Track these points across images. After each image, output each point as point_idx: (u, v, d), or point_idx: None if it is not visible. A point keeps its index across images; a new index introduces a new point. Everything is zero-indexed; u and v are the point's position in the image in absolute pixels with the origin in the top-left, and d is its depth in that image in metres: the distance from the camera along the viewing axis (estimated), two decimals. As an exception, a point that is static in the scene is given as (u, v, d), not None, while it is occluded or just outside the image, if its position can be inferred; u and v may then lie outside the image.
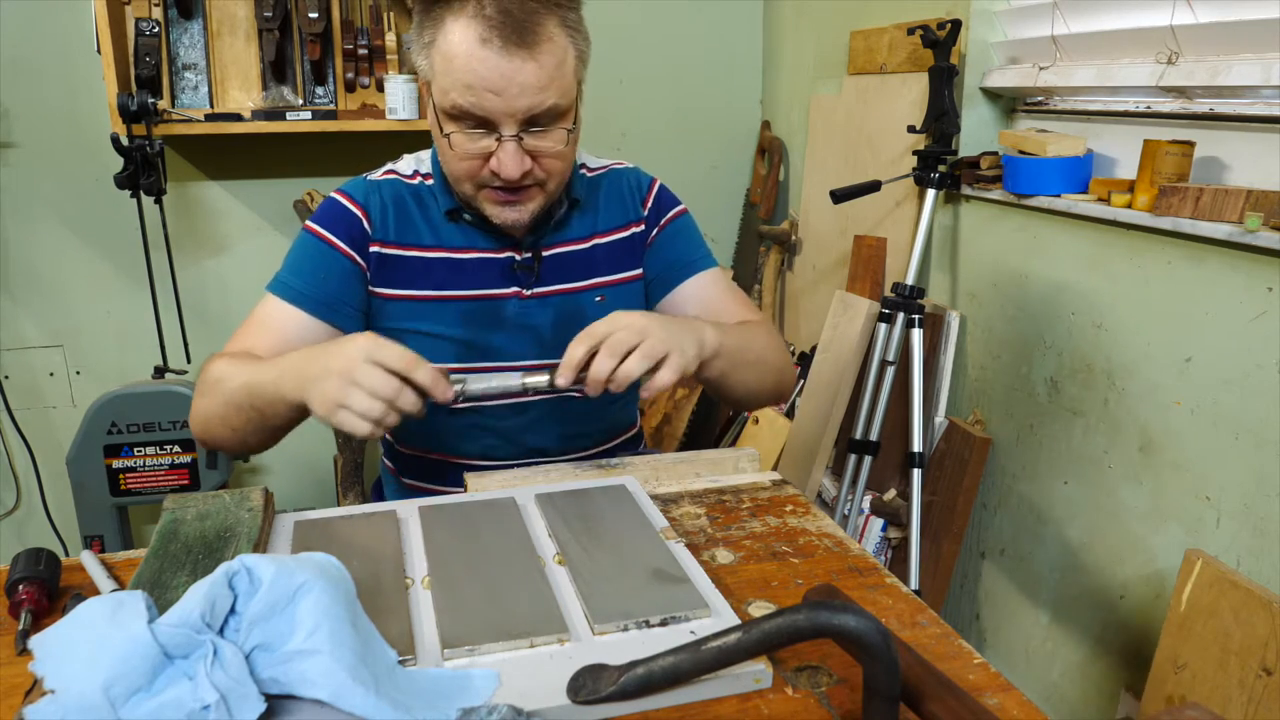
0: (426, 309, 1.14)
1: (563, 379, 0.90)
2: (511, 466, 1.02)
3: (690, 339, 0.96)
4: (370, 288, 1.14)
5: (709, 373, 1.02)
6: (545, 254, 1.17)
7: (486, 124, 1.00)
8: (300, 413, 0.93)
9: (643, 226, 1.24)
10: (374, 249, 1.13)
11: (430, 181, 1.17)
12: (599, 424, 1.26)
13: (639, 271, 1.24)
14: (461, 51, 0.96)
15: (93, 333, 2.40)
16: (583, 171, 1.22)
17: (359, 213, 1.13)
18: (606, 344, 0.90)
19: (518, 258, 1.16)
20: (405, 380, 0.85)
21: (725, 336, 1.04)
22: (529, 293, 1.17)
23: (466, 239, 1.15)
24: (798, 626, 0.56)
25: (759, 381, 1.14)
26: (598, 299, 1.20)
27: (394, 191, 1.15)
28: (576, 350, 0.91)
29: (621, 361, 0.89)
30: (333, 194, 1.16)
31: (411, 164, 1.19)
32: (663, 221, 1.25)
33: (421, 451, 1.23)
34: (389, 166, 1.19)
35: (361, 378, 0.84)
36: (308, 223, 1.14)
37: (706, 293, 1.24)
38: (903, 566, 1.85)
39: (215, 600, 0.55)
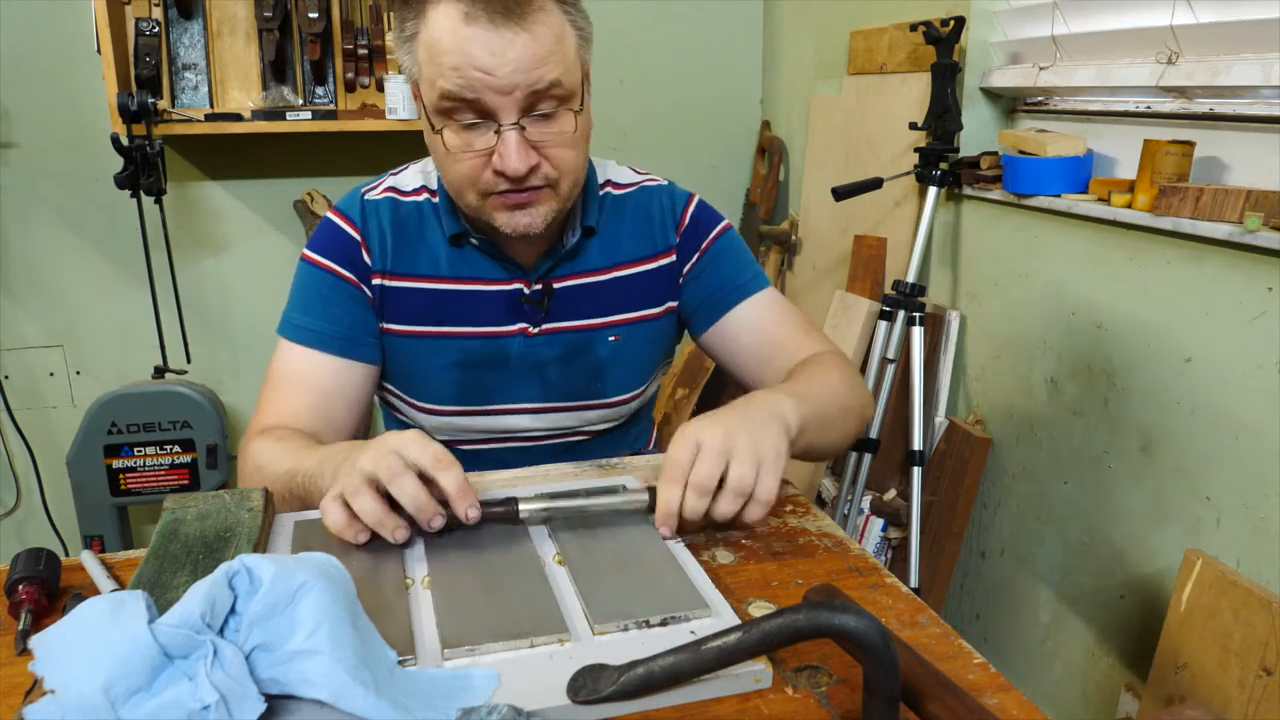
0: (426, 346, 1.06)
1: (666, 530, 0.79)
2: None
3: (775, 430, 0.82)
4: (379, 321, 1.07)
5: (794, 452, 0.88)
6: (557, 286, 1.07)
7: (483, 115, 0.91)
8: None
9: (674, 257, 1.12)
10: (375, 281, 1.06)
11: (436, 200, 1.06)
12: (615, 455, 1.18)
13: (668, 306, 1.13)
14: (446, 34, 0.88)
15: (93, 333, 2.41)
16: (609, 190, 1.12)
17: (357, 238, 1.05)
18: (692, 482, 0.78)
19: (526, 290, 1.06)
20: (428, 481, 0.74)
21: (804, 406, 0.89)
22: (536, 330, 1.07)
23: (471, 268, 1.06)
24: (798, 626, 0.56)
25: (843, 436, 1.02)
26: (611, 338, 1.10)
27: (393, 214, 1.06)
28: (673, 495, 0.78)
29: (714, 499, 0.79)
30: (328, 214, 1.08)
31: (417, 176, 1.09)
32: (704, 245, 1.12)
33: None
34: (390, 182, 1.09)
35: (380, 467, 0.74)
36: (307, 251, 1.07)
37: (762, 321, 1.11)
38: (903, 566, 1.85)
39: (215, 600, 0.55)
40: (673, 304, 1.14)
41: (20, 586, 0.71)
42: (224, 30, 2.24)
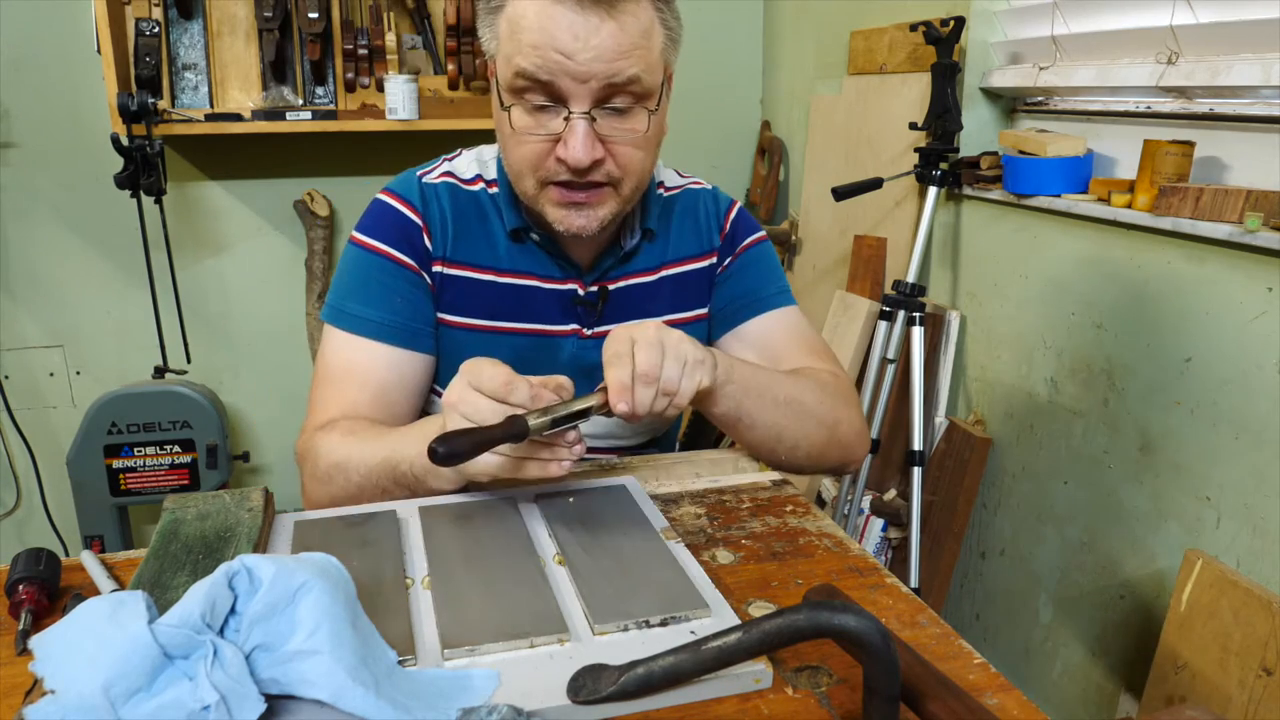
0: (478, 340, 1.02)
1: (624, 405, 0.78)
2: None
3: (701, 348, 0.85)
4: (435, 310, 1.02)
5: (721, 405, 0.89)
6: (612, 288, 1.05)
7: (554, 99, 0.88)
8: (463, 479, 0.84)
9: (715, 259, 1.10)
10: (436, 268, 1.01)
11: (494, 190, 1.03)
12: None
13: (706, 310, 1.11)
14: (531, 11, 0.85)
15: (93, 333, 2.41)
16: (660, 191, 1.09)
17: (418, 222, 1.01)
18: (638, 372, 0.78)
19: (580, 291, 1.04)
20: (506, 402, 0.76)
21: (744, 368, 0.91)
22: (589, 332, 1.05)
23: (529, 264, 1.03)
24: (798, 626, 0.56)
25: (795, 429, 0.95)
26: None
27: (453, 200, 1.02)
28: (623, 374, 0.78)
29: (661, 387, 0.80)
30: (382, 196, 1.03)
31: (472, 165, 1.06)
32: (737, 250, 1.11)
33: None
34: (445, 167, 1.06)
35: (465, 409, 0.76)
36: (359, 235, 1.01)
37: (771, 336, 1.07)
38: (903, 566, 1.85)
39: (215, 600, 0.55)
40: (707, 309, 1.12)
41: (20, 586, 0.71)
42: (224, 30, 2.24)
